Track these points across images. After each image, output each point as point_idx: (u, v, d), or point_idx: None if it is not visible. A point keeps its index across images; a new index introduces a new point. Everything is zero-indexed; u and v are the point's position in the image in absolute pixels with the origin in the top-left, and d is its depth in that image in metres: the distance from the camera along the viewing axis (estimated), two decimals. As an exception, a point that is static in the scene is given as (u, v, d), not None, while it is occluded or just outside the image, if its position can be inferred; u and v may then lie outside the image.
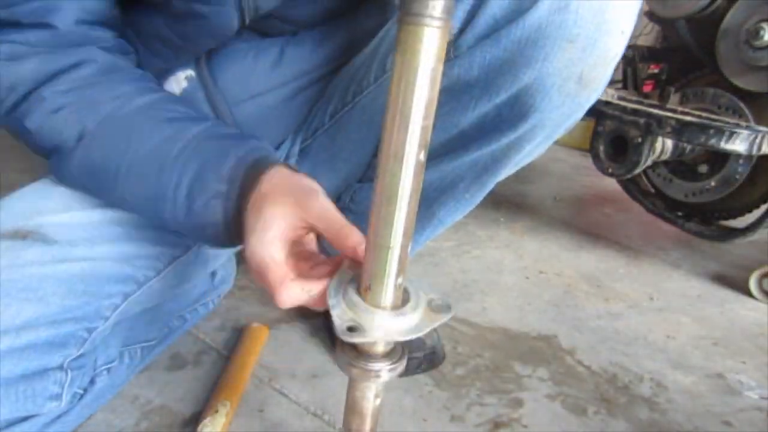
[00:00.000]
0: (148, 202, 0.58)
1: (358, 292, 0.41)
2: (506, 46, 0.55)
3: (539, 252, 1.40)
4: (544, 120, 0.60)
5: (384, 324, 0.39)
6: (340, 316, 0.40)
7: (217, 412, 0.70)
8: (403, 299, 0.42)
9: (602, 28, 0.53)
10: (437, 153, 0.68)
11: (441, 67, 0.35)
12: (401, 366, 0.44)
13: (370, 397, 0.45)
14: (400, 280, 0.40)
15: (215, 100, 0.72)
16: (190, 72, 0.72)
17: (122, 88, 0.59)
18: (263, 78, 0.73)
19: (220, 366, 0.84)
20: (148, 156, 0.58)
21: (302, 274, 0.48)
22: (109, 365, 0.67)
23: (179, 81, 0.71)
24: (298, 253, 0.51)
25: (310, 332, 0.95)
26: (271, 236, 0.48)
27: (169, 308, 0.81)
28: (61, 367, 0.57)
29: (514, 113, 0.60)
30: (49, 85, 0.57)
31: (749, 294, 1.26)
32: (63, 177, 0.63)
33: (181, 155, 0.57)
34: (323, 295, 0.45)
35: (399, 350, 0.44)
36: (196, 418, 0.73)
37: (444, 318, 0.42)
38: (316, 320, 0.98)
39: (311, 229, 0.50)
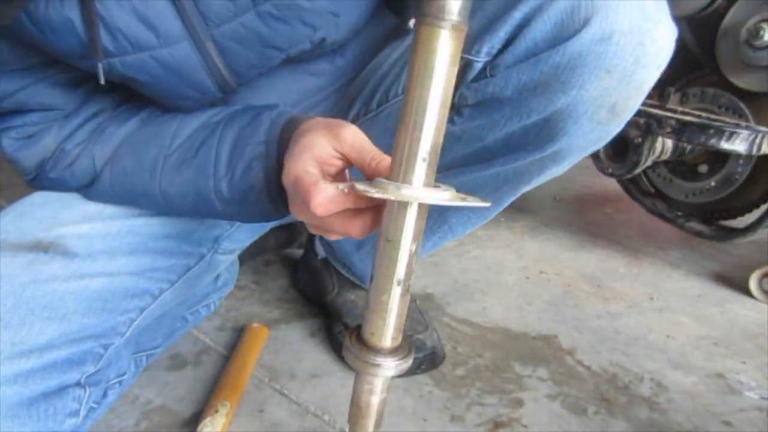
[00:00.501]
0: (190, 185, 0.59)
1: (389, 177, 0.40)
2: (543, 70, 0.55)
3: (539, 252, 1.40)
4: (571, 144, 0.60)
5: (418, 194, 0.38)
6: (429, 194, 0.38)
7: (217, 412, 0.70)
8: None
9: (641, 62, 0.54)
10: (459, 164, 0.68)
11: (455, 70, 0.36)
12: (407, 363, 0.45)
13: (376, 393, 0.45)
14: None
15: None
16: None
17: (139, 113, 0.64)
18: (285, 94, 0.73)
19: (220, 366, 0.84)
20: (182, 145, 0.60)
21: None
22: (121, 378, 0.68)
23: None
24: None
25: (310, 332, 0.95)
26: (306, 156, 0.49)
27: (174, 312, 0.81)
28: (79, 384, 0.57)
29: (542, 135, 0.60)
30: (70, 140, 0.63)
31: (749, 294, 1.26)
32: (96, 198, 0.65)
33: (215, 132, 0.59)
34: (355, 193, 0.43)
35: (405, 347, 0.45)
36: (196, 418, 0.73)
37: (473, 202, 0.41)
38: (316, 320, 0.98)
39: (344, 159, 0.49)
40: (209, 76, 0.59)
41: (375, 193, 0.38)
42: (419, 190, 0.38)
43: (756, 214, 1.27)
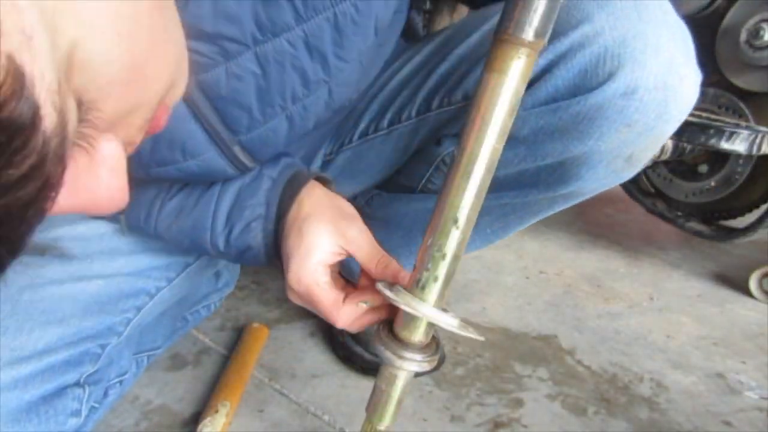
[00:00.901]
0: (187, 234, 0.59)
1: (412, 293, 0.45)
2: (562, 117, 0.54)
3: (539, 252, 1.40)
4: (583, 188, 0.60)
5: (432, 314, 0.43)
6: (439, 317, 0.43)
7: (217, 412, 0.70)
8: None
9: (663, 118, 0.53)
10: None
11: (524, 87, 0.38)
12: (434, 362, 0.47)
13: (399, 386, 0.47)
14: (446, 286, 0.44)
15: None
16: None
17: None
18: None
19: (220, 366, 0.84)
20: (181, 191, 0.59)
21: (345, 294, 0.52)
22: (121, 377, 0.68)
23: None
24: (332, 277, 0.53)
25: (310, 332, 0.95)
26: (315, 262, 0.50)
27: (173, 311, 0.81)
28: (78, 384, 0.58)
29: (555, 177, 0.60)
30: None
31: (749, 294, 1.26)
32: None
33: (214, 186, 0.58)
34: (379, 306, 0.49)
35: (433, 346, 0.47)
36: (196, 418, 0.73)
37: (472, 333, 0.48)
38: (316, 320, 0.98)
39: (347, 254, 0.52)
40: (232, 167, 0.56)
41: (400, 304, 0.43)
42: (434, 312, 0.43)
43: (756, 214, 1.27)
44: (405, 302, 0.42)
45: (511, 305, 1.12)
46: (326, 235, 0.51)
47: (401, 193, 0.77)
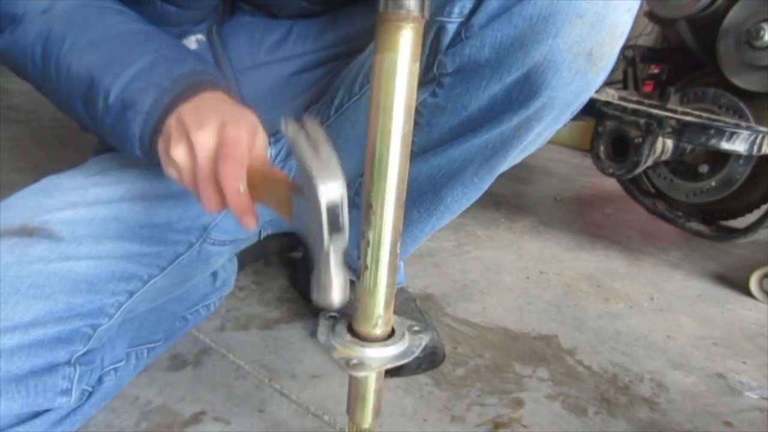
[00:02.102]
0: (91, 72, 0.59)
1: (350, 330, 0.46)
2: (517, 24, 0.56)
3: (539, 252, 1.40)
4: (554, 98, 0.60)
5: (378, 355, 0.44)
6: (340, 355, 0.44)
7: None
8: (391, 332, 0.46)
9: (610, 5, 0.54)
10: (446, 139, 0.68)
11: (417, 65, 0.38)
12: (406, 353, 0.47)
13: (372, 380, 0.47)
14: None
15: (222, 65, 0.74)
16: (201, 36, 0.73)
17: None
18: (270, 49, 0.75)
19: (220, 366, 0.84)
20: (111, 37, 0.60)
21: None
22: (116, 365, 0.68)
23: (190, 43, 0.73)
24: None
25: (310, 332, 0.95)
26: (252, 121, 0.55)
27: (173, 309, 0.81)
28: (69, 362, 0.58)
29: (524, 92, 0.60)
30: None
31: (749, 294, 1.26)
32: (15, 43, 0.63)
33: (143, 44, 0.60)
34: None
35: (403, 336, 0.48)
36: (196, 418, 0.73)
37: (426, 338, 0.47)
38: (316, 320, 0.98)
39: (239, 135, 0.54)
40: None
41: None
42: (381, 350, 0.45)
43: (756, 214, 1.27)
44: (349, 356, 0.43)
45: (511, 305, 1.12)
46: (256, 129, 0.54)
47: None
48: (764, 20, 1.17)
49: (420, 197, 0.74)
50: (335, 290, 0.43)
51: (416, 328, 0.47)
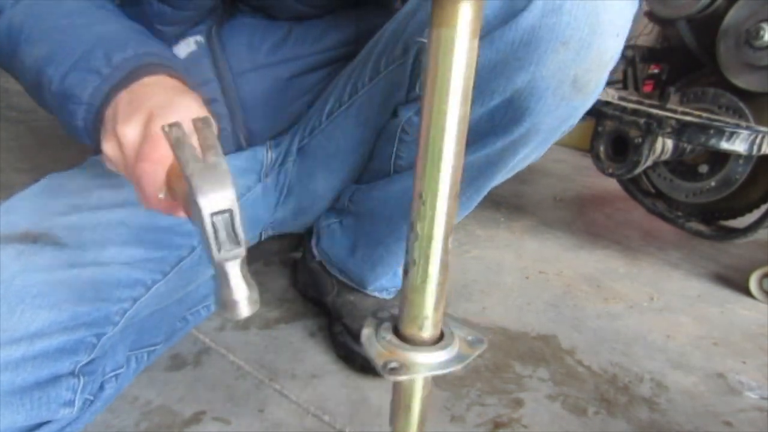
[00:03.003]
0: (38, 62, 0.57)
1: (395, 332, 0.41)
2: (499, 48, 0.55)
3: (539, 252, 1.40)
4: (538, 124, 0.59)
5: (420, 360, 0.39)
6: (378, 357, 0.39)
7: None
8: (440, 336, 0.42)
9: (597, 31, 0.52)
10: None
11: (476, 42, 0.34)
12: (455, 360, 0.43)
13: (417, 387, 0.43)
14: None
15: (220, 67, 0.74)
16: (200, 38, 0.73)
17: None
18: (270, 51, 0.75)
19: (220, 366, 0.84)
20: (62, 25, 0.59)
21: None
22: (117, 371, 0.67)
23: (188, 44, 0.72)
24: None
25: (310, 332, 0.95)
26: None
27: (173, 311, 0.81)
28: (72, 373, 0.57)
29: (508, 117, 0.59)
30: None
31: (749, 294, 1.26)
32: None
33: (87, 28, 0.58)
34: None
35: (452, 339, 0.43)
36: (196, 418, 0.73)
37: (479, 350, 0.42)
38: (316, 320, 0.98)
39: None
40: None
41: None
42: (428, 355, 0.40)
43: (756, 214, 1.27)
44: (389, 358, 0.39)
45: (510, 305, 1.12)
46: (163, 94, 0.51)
47: (378, 181, 0.78)
48: (764, 20, 1.17)
49: (408, 215, 0.74)
50: (239, 304, 0.38)
51: (470, 338, 0.43)
